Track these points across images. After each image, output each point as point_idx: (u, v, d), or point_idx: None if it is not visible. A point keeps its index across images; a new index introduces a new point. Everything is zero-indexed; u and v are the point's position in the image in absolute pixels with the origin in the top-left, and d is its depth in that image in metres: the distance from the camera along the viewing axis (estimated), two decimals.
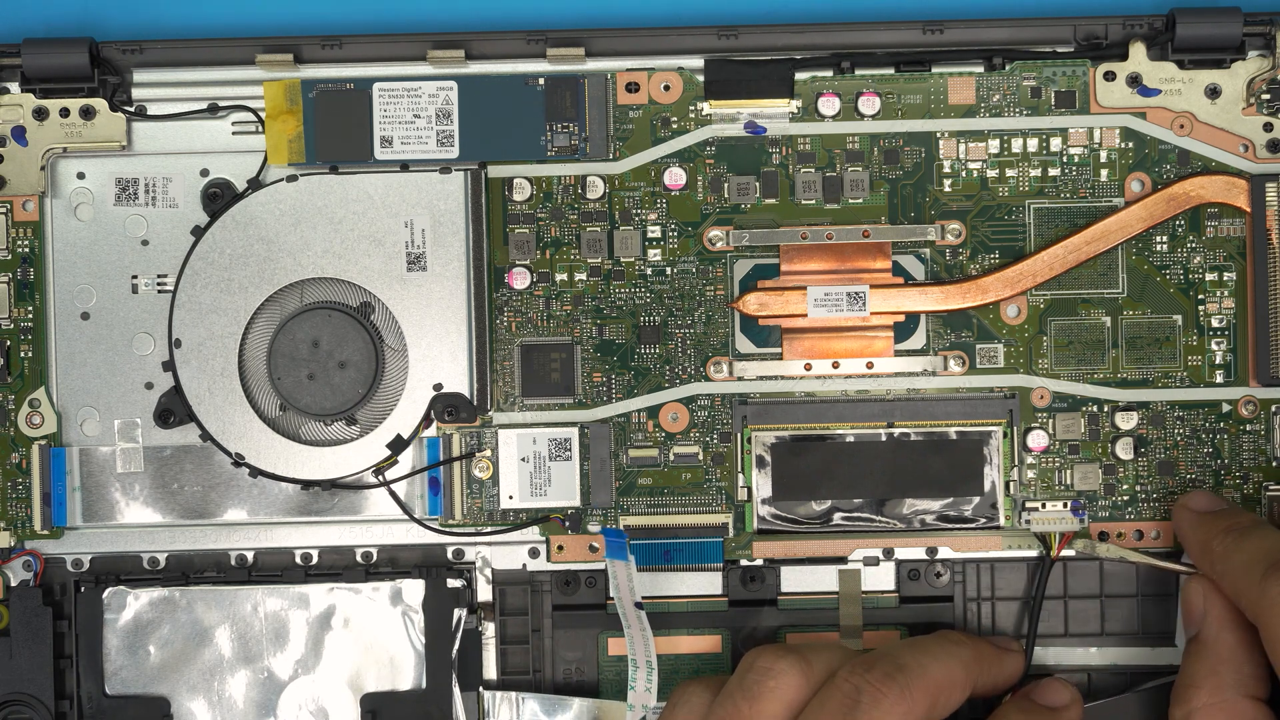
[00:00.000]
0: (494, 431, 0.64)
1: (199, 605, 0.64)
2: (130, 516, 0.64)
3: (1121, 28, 0.64)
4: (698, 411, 0.64)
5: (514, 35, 0.64)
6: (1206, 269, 0.64)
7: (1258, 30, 0.63)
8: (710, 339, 0.64)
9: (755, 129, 0.64)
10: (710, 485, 0.64)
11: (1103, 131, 0.64)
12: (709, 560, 0.64)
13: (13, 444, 0.64)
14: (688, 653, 0.64)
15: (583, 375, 0.64)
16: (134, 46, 0.64)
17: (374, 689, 0.64)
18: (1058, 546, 0.63)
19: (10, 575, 0.64)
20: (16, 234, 0.64)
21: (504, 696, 0.64)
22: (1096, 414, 0.64)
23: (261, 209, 0.64)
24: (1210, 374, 0.64)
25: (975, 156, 0.64)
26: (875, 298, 0.63)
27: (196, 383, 0.63)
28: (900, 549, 0.64)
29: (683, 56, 0.64)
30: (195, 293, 0.63)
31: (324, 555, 0.65)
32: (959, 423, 0.64)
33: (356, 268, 0.63)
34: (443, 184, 0.63)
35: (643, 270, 0.64)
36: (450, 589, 0.64)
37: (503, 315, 0.64)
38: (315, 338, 0.63)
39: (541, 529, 0.64)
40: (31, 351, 0.64)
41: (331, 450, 0.64)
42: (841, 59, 0.64)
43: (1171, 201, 0.64)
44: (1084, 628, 0.64)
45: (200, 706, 0.64)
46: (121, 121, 0.64)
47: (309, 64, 0.64)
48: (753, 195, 0.64)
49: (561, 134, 0.64)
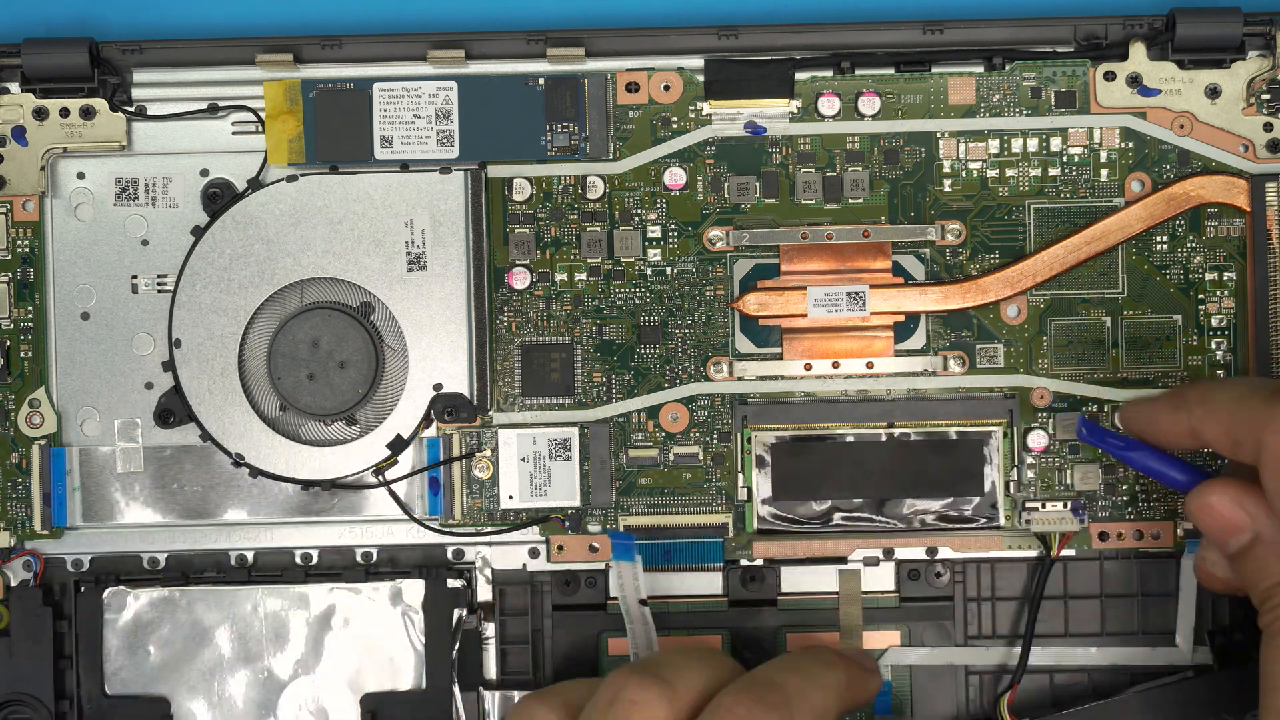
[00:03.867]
0: (494, 431, 0.64)
1: (199, 605, 0.64)
2: (130, 516, 0.64)
3: (1121, 28, 0.64)
4: (698, 411, 0.64)
5: (514, 35, 0.64)
6: (1206, 269, 0.64)
7: (1258, 30, 0.63)
8: (710, 339, 0.64)
9: (755, 129, 0.64)
10: (710, 485, 0.64)
11: (1103, 131, 0.64)
12: (709, 560, 0.64)
13: (13, 444, 0.64)
14: None
15: (583, 375, 0.64)
16: (134, 46, 0.64)
17: (374, 689, 0.64)
18: (1058, 547, 0.63)
19: (10, 575, 0.64)
20: (16, 234, 0.64)
21: (504, 696, 0.64)
22: (1097, 414, 0.64)
23: (261, 209, 0.64)
24: (1210, 374, 0.64)
25: (975, 156, 0.64)
26: (875, 298, 0.63)
27: (196, 383, 0.63)
28: (900, 549, 0.64)
29: (683, 56, 0.64)
30: (195, 293, 0.63)
31: (324, 555, 0.65)
32: (959, 423, 0.64)
33: (356, 268, 0.63)
34: (443, 184, 0.63)
35: (643, 270, 0.64)
36: (450, 589, 0.64)
37: (503, 315, 0.64)
38: (315, 338, 0.63)
39: (541, 529, 0.64)
40: (31, 351, 0.64)
41: (331, 450, 0.64)
42: (841, 59, 0.64)
43: (1171, 201, 0.64)
44: (1084, 628, 0.64)
45: (200, 706, 0.64)
46: (121, 121, 0.64)
47: (309, 64, 0.64)
48: (753, 195, 0.64)
49: (561, 134, 0.64)
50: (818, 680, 0.55)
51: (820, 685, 0.55)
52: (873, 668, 0.59)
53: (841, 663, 0.57)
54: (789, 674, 0.55)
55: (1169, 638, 0.64)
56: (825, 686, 0.55)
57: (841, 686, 0.56)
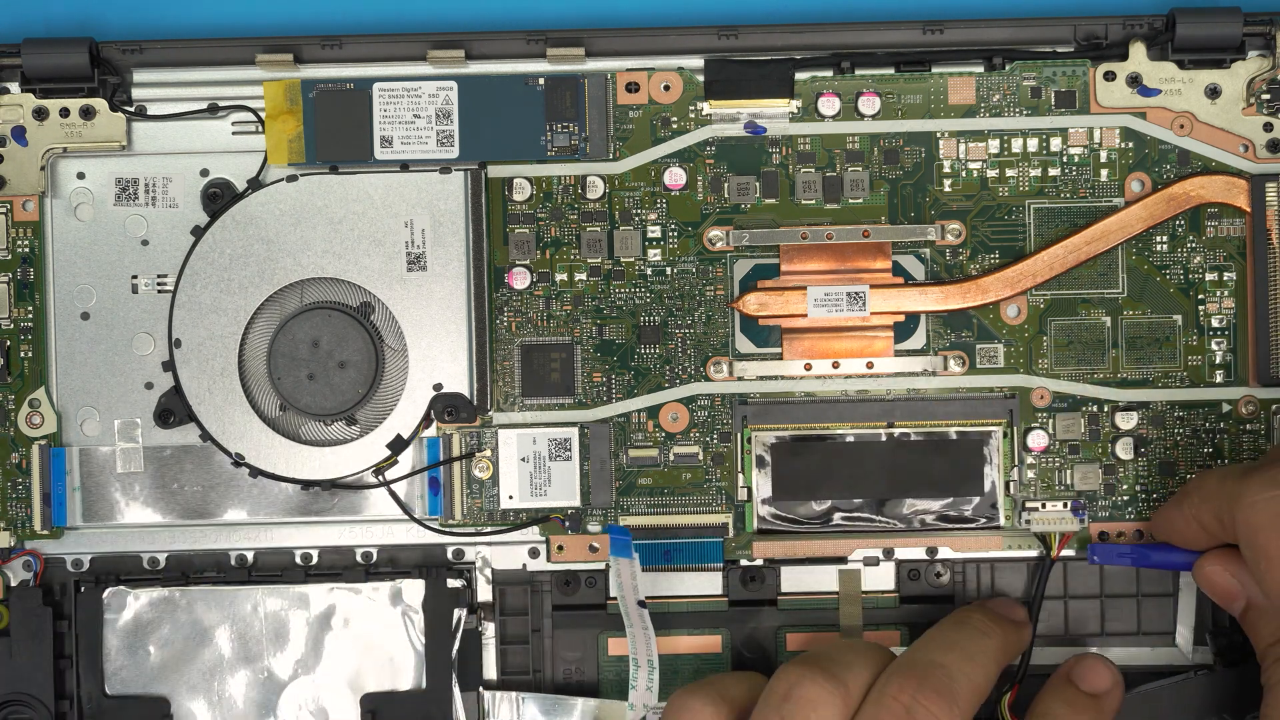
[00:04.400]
0: (494, 431, 0.64)
1: (199, 605, 0.64)
2: (130, 516, 0.64)
3: (1121, 28, 0.64)
4: (698, 411, 0.64)
5: (514, 35, 0.64)
6: (1206, 269, 0.64)
7: (1258, 30, 0.63)
8: (710, 339, 0.64)
9: (755, 129, 0.64)
10: (710, 485, 0.64)
11: (1103, 131, 0.64)
12: (709, 560, 0.64)
13: (13, 444, 0.64)
14: (688, 653, 0.64)
15: (583, 375, 0.64)
16: (134, 46, 0.64)
17: (374, 689, 0.64)
18: (1058, 546, 0.63)
19: (10, 575, 0.64)
20: (16, 234, 0.64)
21: (504, 696, 0.64)
22: (1096, 414, 0.64)
23: (261, 209, 0.64)
24: (1210, 374, 0.64)
25: (975, 156, 0.64)
26: (875, 298, 0.63)
27: (196, 383, 0.63)
28: (900, 549, 0.64)
29: (683, 56, 0.64)
30: (195, 293, 0.63)
31: (324, 555, 0.65)
32: (959, 423, 0.64)
33: (356, 268, 0.63)
34: (443, 184, 0.63)
35: (643, 270, 0.64)
36: (450, 589, 0.64)
37: (503, 315, 0.64)
38: (315, 338, 0.63)
39: (541, 529, 0.64)
40: (31, 351, 0.64)
41: (331, 450, 0.64)
42: (841, 59, 0.64)
43: (1171, 201, 0.64)
44: (1084, 628, 0.64)
45: (200, 706, 0.64)
46: (121, 121, 0.64)
47: (309, 64, 0.64)
48: (753, 195, 0.64)
49: (561, 134, 0.64)
50: (976, 653, 0.56)
51: (979, 657, 0.56)
52: (1023, 619, 0.61)
53: (996, 628, 0.58)
54: (947, 652, 0.56)
55: (1169, 638, 0.64)
56: (984, 656, 0.56)
57: (998, 652, 0.57)
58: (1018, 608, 0.62)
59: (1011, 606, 0.62)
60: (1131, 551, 0.62)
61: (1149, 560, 0.62)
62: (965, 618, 0.59)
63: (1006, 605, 0.62)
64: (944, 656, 0.56)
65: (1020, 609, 0.62)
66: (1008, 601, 0.63)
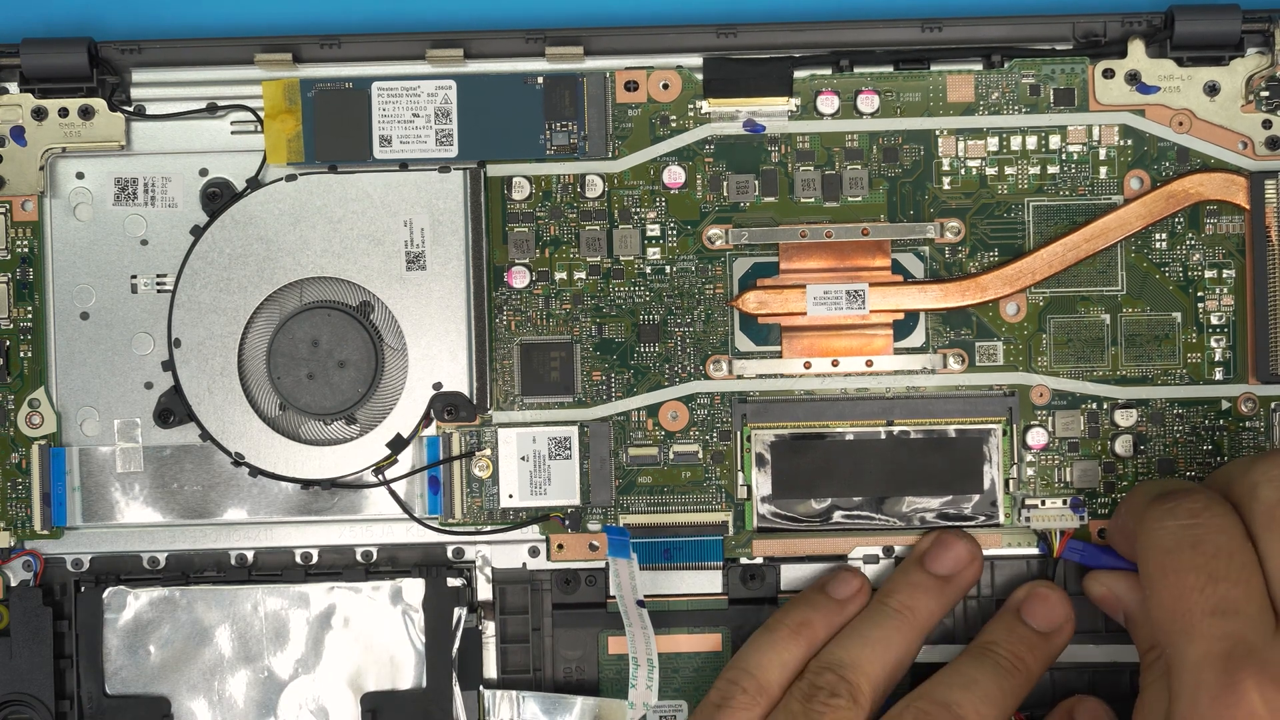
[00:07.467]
0: (494, 430, 0.64)
1: (199, 605, 0.64)
2: (130, 516, 0.64)
3: (1120, 25, 0.64)
4: (697, 410, 0.64)
5: (513, 34, 0.64)
6: (1206, 266, 0.64)
7: (1256, 27, 0.63)
8: (710, 337, 0.64)
9: (754, 127, 0.64)
10: (710, 484, 0.64)
11: (1102, 129, 0.64)
12: (709, 559, 0.64)
13: (13, 444, 0.64)
14: (688, 651, 0.64)
15: (582, 374, 0.64)
16: (133, 46, 0.64)
17: (374, 688, 0.64)
18: (1058, 544, 0.63)
19: (10, 575, 0.64)
20: (16, 234, 0.64)
21: (504, 695, 0.64)
22: (1096, 411, 0.64)
23: (260, 208, 0.64)
24: (1209, 371, 0.64)
25: (974, 154, 0.64)
26: (874, 296, 0.63)
27: (196, 382, 0.63)
28: (900, 547, 0.64)
29: (681, 55, 0.64)
30: (195, 292, 0.63)
31: (324, 555, 0.65)
32: (958, 420, 0.64)
33: (356, 267, 0.63)
34: (442, 183, 0.63)
35: (642, 269, 0.64)
36: (450, 588, 0.64)
37: (502, 314, 0.64)
38: (315, 337, 0.63)
39: (541, 528, 0.64)
40: (31, 351, 0.64)
41: (331, 450, 0.64)
42: (840, 57, 0.64)
43: (1170, 199, 0.64)
44: (1084, 625, 0.64)
45: (200, 706, 0.64)
46: (120, 121, 0.64)
47: (308, 63, 0.64)
48: (752, 193, 0.64)
49: (560, 133, 0.64)
50: (994, 695, 0.58)
51: (996, 700, 0.58)
52: (1060, 621, 0.61)
53: (1025, 659, 0.59)
54: (965, 691, 0.58)
55: None
56: (1003, 698, 0.58)
57: (1021, 689, 0.59)
58: (1058, 607, 0.61)
59: (1052, 607, 0.61)
60: (1083, 549, 0.63)
61: (1099, 561, 0.62)
62: (993, 648, 0.60)
63: (1046, 608, 0.61)
64: (961, 695, 0.57)
65: (1061, 607, 0.61)
66: (1052, 599, 0.62)
